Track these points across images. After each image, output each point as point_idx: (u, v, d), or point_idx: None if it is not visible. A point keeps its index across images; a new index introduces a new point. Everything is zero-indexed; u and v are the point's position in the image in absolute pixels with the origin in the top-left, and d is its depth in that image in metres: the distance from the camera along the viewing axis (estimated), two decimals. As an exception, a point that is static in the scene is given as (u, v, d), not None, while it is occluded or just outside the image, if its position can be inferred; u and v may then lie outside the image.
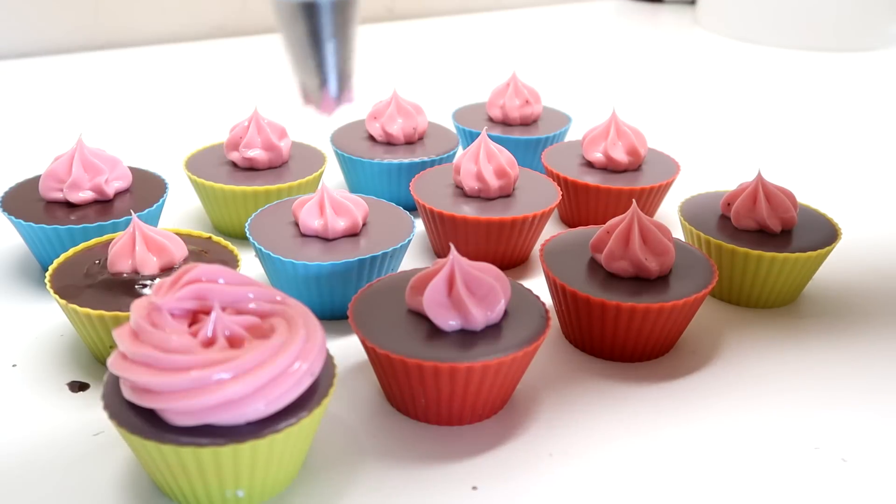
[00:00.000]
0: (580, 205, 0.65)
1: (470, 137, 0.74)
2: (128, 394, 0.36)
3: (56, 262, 0.50)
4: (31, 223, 0.54)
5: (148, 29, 1.20)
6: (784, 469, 0.43)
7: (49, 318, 0.53)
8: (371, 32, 1.33)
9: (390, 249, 0.52)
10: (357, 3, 0.36)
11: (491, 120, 0.76)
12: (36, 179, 0.59)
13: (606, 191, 0.63)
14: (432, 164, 0.67)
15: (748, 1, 1.33)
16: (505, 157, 0.59)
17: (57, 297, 0.46)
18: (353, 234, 0.54)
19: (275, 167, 0.64)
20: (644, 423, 0.46)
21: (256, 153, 0.63)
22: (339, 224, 0.53)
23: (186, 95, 1.01)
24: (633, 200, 0.53)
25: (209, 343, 0.37)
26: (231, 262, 0.51)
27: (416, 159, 0.67)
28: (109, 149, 0.61)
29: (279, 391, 0.36)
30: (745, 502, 0.41)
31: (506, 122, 0.75)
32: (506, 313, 0.45)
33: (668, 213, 0.70)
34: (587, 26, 1.46)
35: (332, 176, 0.75)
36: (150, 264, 0.47)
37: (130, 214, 0.53)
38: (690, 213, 0.59)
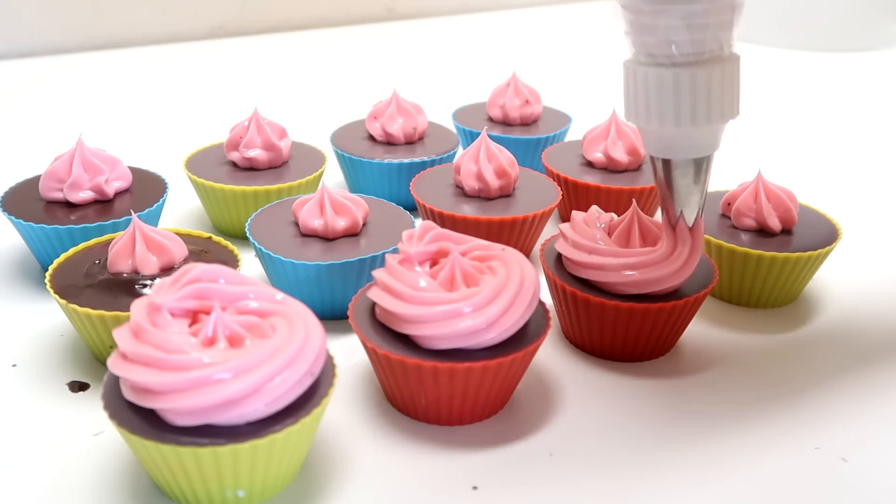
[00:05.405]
0: (580, 205, 0.65)
1: (470, 137, 0.74)
2: (128, 394, 0.36)
3: (56, 262, 0.50)
4: (31, 223, 0.54)
5: (148, 29, 1.20)
6: (784, 469, 0.43)
7: (49, 318, 0.53)
8: (371, 32, 1.33)
9: (390, 249, 0.52)
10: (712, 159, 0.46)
11: (491, 120, 0.76)
12: (36, 179, 0.59)
13: (606, 191, 0.63)
14: (432, 164, 0.67)
15: (748, 1, 1.33)
16: (505, 157, 0.59)
17: (57, 296, 0.46)
18: (353, 234, 0.54)
19: (275, 167, 0.64)
20: (644, 422, 0.46)
21: (256, 153, 0.63)
22: (339, 224, 0.53)
23: (186, 95, 1.01)
24: (633, 200, 0.53)
25: (209, 343, 0.37)
26: (231, 262, 0.51)
27: (416, 159, 0.67)
28: (109, 149, 0.61)
29: (279, 391, 0.36)
30: (745, 502, 0.41)
31: (506, 122, 0.75)
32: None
33: (668, 213, 0.70)
34: (587, 26, 1.46)
35: (332, 176, 0.75)
36: (150, 264, 0.47)
37: (130, 214, 0.53)
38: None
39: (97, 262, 0.49)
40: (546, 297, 0.53)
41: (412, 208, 0.68)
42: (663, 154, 0.45)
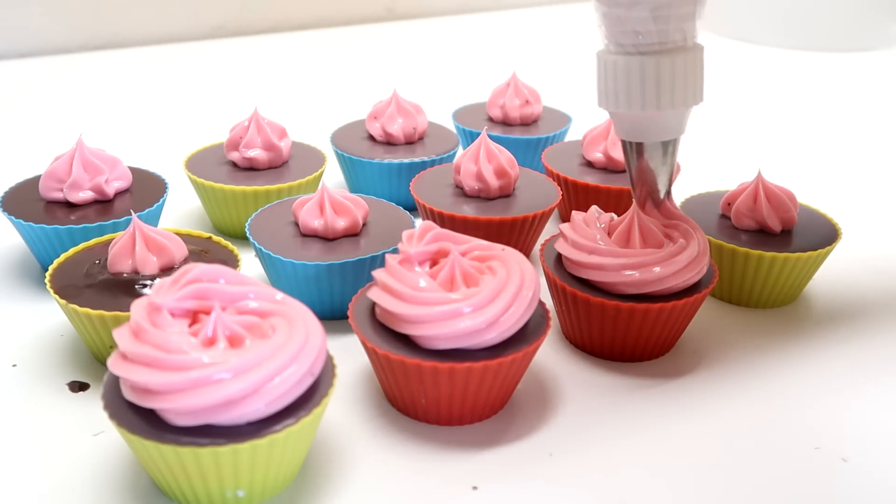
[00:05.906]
0: (580, 205, 0.65)
1: (470, 137, 0.74)
2: (128, 394, 0.36)
3: (56, 262, 0.50)
4: (31, 223, 0.54)
5: (148, 29, 1.20)
6: (784, 469, 0.43)
7: (49, 318, 0.53)
8: (371, 32, 1.33)
9: (390, 249, 0.52)
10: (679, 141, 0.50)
11: (491, 120, 0.76)
12: (36, 179, 0.59)
13: (606, 191, 0.63)
14: (432, 164, 0.67)
15: (748, 1, 1.33)
16: (505, 157, 0.59)
17: (57, 297, 0.46)
18: (353, 234, 0.54)
19: (275, 167, 0.64)
20: (644, 422, 0.46)
21: (256, 153, 0.63)
22: (339, 224, 0.53)
23: (186, 95, 1.01)
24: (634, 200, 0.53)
25: (209, 343, 0.37)
26: (231, 262, 0.51)
27: (416, 159, 0.67)
28: (109, 149, 0.61)
29: (279, 391, 0.36)
30: (745, 502, 0.41)
31: (506, 122, 0.75)
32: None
33: (668, 213, 0.70)
34: (587, 26, 1.46)
35: (332, 176, 0.75)
36: (150, 264, 0.47)
37: (130, 214, 0.53)
38: (690, 213, 0.59)
39: (97, 262, 0.49)
40: (546, 297, 0.53)
41: (412, 208, 0.68)
42: (633, 137, 0.49)
